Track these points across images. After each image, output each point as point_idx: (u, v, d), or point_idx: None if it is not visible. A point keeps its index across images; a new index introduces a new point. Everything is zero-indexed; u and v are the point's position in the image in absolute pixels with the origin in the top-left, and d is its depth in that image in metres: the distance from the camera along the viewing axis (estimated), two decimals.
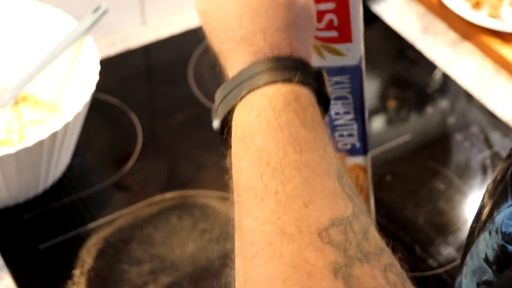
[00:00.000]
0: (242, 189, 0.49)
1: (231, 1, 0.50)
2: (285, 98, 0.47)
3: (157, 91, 1.04)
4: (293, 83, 0.48)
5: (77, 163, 0.92)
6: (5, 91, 0.90)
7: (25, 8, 0.91)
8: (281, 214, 0.45)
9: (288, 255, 0.44)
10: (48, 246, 0.84)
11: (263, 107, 0.47)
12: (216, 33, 0.51)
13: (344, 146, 0.72)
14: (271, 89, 0.47)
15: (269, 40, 0.49)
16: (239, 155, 0.48)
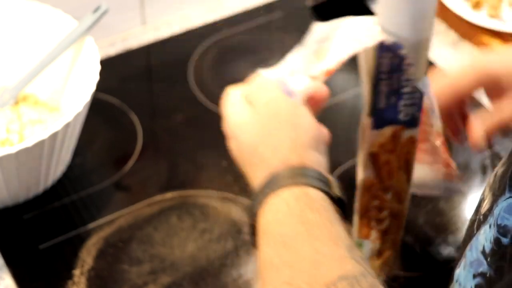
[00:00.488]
0: (264, 269, 0.57)
1: (250, 131, 0.62)
2: (296, 196, 0.56)
3: (157, 91, 1.04)
4: (302, 185, 0.57)
5: (77, 163, 0.92)
6: (5, 91, 0.90)
7: (25, 8, 0.91)
8: (295, 276, 0.53)
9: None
10: (48, 246, 0.84)
11: (278, 206, 0.57)
12: (240, 157, 0.63)
13: (404, 118, 0.70)
14: (283, 192, 0.57)
15: (281, 157, 0.59)
16: (262, 244, 0.58)
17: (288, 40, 1.12)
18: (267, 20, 1.15)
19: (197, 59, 1.07)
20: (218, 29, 1.12)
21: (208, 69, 1.06)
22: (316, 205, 0.56)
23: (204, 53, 1.08)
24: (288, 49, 1.11)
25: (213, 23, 1.13)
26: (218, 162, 0.93)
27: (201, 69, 1.06)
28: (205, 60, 1.07)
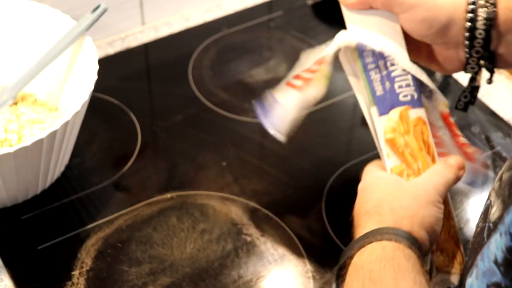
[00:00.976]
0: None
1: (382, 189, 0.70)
2: (394, 247, 0.64)
3: (156, 91, 1.04)
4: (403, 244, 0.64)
5: (76, 163, 0.92)
6: (4, 91, 0.90)
7: (23, 8, 0.91)
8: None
9: None
10: (47, 246, 0.83)
11: (374, 249, 0.64)
12: (362, 207, 0.70)
13: (405, 98, 0.73)
14: (385, 242, 0.64)
15: (396, 219, 0.66)
16: (350, 276, 0.64)
17: (288, 39, 1.12)
18: (266, 19, 1.14)
19: (196, 59, 1.07)
20: (217, 28, 1.12)
21: (208, 68, 1.06)
22: (409, 258, 0.63)
23: (203, 53, 1.08)
24: (288, 48, 1.11)
25: (212, 22, 1.13)
26: (217, 162, 0.93)
27: (201, 69, 1.06)
28: (205, 59, 1.07)
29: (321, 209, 0.87)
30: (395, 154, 0.73)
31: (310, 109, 0.97)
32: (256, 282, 0.81)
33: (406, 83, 0.74)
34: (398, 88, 0.74)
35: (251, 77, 1.05)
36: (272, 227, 0.86)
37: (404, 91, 0.74)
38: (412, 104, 0.74)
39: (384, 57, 0.74)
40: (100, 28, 1.00)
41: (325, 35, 1.12)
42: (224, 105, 1.00)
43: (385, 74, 0.74)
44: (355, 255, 0.65)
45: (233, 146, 0.95)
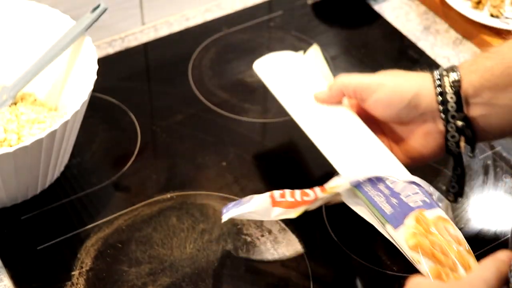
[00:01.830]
0: None
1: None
2: None
3: (156, 91, 1.04)
4: None
5: (76, 163, 0.91)
6: (3, 91, 0.90)
7: (22, 8, 0.91)
8: None
9: None
10: (47, 247, 0.83)
11: None
12: None
13: (416, 204, 0.73)
14: None
15: None
16: None
17: (288, 39, 1.11)
18: (266, 19, 1.14)
19: (196, 59, 1.07)
20: (217, 28, 1.12)
21: (207, 68, 1.06)
22: None
23: (203, 53, 1.08)
24: (288, 48, 1.10)
25: (212, 22, 1.13)
26: (217, 162, 0.93)
27: (200, 69, 1.06)
28: (204, 59, 1.07)
29: (321, 209, 0.87)
30: (426, 257, 0.70)
31: None
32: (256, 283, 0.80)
33: (412, 192, 0.74)
34: (406, 197, 0.74)
35: (251, 77, 1.05)
36: (272, 227, 0.86)
37: (413, 198, 0.74)
38: (426, 206, 0.73)
39: (382, 180, 0.74)
40: (100, 28, 0.99)
41: (325, 35, 1.12)
42: (224, 105, 1.00)
43: (389, 194, 0.74)
44: None
45: (233, 146, 0.95)
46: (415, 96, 0.77)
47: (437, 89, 0.77)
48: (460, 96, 0.76)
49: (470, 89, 0.76)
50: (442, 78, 0.77)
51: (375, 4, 1.17)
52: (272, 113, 1.00)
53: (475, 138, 0.78)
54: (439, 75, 0.77)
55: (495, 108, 0.76)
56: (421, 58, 1.08)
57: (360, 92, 0.80)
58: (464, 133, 0.77)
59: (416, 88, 0.78)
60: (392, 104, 0.78)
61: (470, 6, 1.10)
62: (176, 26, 1.12)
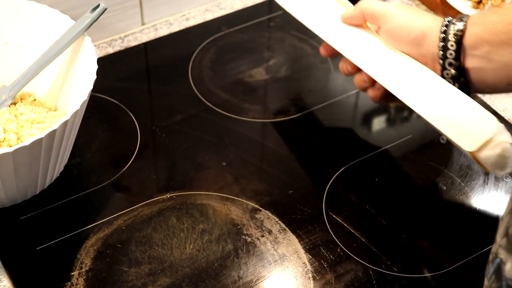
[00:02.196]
0: None
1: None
2: None
3: (156, 91, 1.04)
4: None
5: (75, 164, 0.91)
6: (3, 91, 0.89)
7: (22, 8, 0.91)
8: None
9: None
10: (46, 247, 0.83)
11: None
12: None
13: None
14: None
15: None
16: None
17: (288, 39, 1.11)
18: (266, 18, 1.14)
19: (196, 59, 1.07)
20: (217, 28, 1.12)
21: (207, 68, 1.06)
22: None
23: (203, 53, 1.08)
24: (288, 48, 1.10)
25: (212, 22, 1.13)
26: (217, 163, 0.93)
27: (200, 69, 1.05)
28: (204, 59, 1.07)
29: (321, 209, 0.87)
30: None
31: (311, 109, 0.96)
32: (256, 283, 0.80)
33: None
34: None
35: (251, 76, 1.05)
36: (272, 227, 0.85)
37: None
38: None
39: None
40: (100, 27, 0.99)
41: None
42: (224, 105, 1.00)
43: None
44: None
45: (233, 146, 0.95)
46: (420, 34, 0.82)
47: (441, 35, 0.80)
48: (460, 45, 0.79)
49: (471, 40, 0.79)
50: (449, 25, 0.80)
51: None
52: (272, 113, 1.00)
53: (468, 89, 0.81)
54: (448, 21, 0.80)
55: (491, 63, 0.78)
56: None
57: (377, 18, 0.85)
58: (458, 81, 0.81)
59: (423, 27, 0.82)
60: (398, 37, 0.83)
61: (470, 5, 1.10)
62: (176, 26, 1.12)
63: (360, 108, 1.02)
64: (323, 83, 1.05)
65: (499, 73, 0.78)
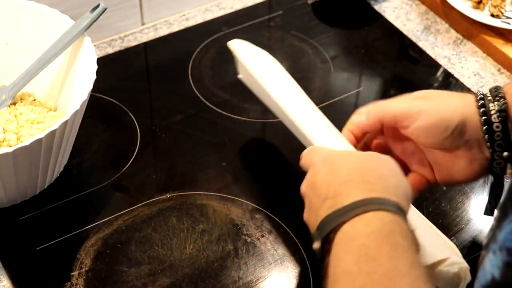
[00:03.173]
0: (339, 274, 0.59)
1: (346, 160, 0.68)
2: (391, 219, 0.61)
3: (156, 91, 1.04)
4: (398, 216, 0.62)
5: (75, 164, 0.91)
6: (3, 91, 0.89)
7: (22, 8, 0.91)
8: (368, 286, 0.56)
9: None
10: (46, 247, 0.83)
11: (371, 221, 0.61)
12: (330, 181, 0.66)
13: None
14: (383, 213, 0.61)
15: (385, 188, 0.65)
16: (340, 253, 0.60)
17: (288, 38, 1.11)
18: (266, 18, 1.14)
19: (196, 59, 1.07)
20: (217, 28, 1.12)
21: (207, 68, 1.06)
22: (406, 234, 0.61)
23: (203, 53, 1.08)
24: (288, 48, 1.10)
25: (212, 22, 1.13)
26: (217, 163, 0.93)
27: (200, 69, 1.05)
28: (204, 59, 1.07)
29: None
30: None
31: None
32: (256, 283, 0.80)
33: None
34: None
35: None
36: (272, 227, 0.85)
37: None
38: None
39: None
40: (99, 27, 0.99)
41: (325, 35, 1.12)
42: (224, 105, 1.00)
43: None
44: (346, 225, 0.61)
45: (233, 146, 0.95)
46: (460, 124, 0.74)
47: (482, 117, 0.74)
48: (506, 125, 0.73)
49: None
50: (487, 104, 0.74)
51: (376, 4, 1.16)
52: (272, 113, 1.00)
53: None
54: (482, 99, 0.74)
55: None
56: (421, 58, 1.08)
57: (401, 120, 0.76)
58: (511, 162, 0.75)
59: (460, 115, 0.74)
60: (436, 133, 0.75)
61: (470, 5, 1.10)
62: (176, 26, 1.12)
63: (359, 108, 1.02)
64: (323, 83, 1.05)
65: None
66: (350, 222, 0.61)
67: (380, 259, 0.58)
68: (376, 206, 0.61)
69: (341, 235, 0.61)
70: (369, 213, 0.61)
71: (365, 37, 1.13)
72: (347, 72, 1.07)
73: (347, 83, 1.05)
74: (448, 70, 1.06)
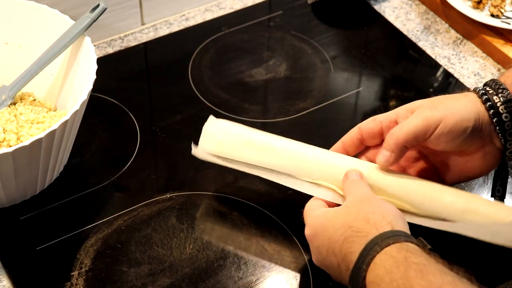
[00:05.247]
0: None
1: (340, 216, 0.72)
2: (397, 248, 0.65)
3: (156, 91, 1.04)
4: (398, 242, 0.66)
5: (75, 164, 0.91)
6: (2, 91, 0.89)
7: (21, 8, 0.91)
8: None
9: None
10: (46, 247, 0.83)
11: (384, 259, 0.65)
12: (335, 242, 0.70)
13: None
14: (387, 249, 0.65)
15: (374, 225, 0.69)
16: None
17: (288, 38, 1.11)
18: (266, 18, 1.14)
19: (195, 59, 1.07)
20: (217, 28, 1.12)
21: (207, 68, 1.06)
22: (417, 252, 0.65)
23: (203, 53, 1.08)
24: (288, 48, 1.10)
25: (212, 22, 1.13)
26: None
27: (200, 69, 1.05)
28: (204, 59, 1.07)
29: None
30: None
31: (311, 109, 0.96)
32: (256, 283, 0.80)
33: None
34: None
35: (251, 76, 1.05)
36: (272, 227, 0.85)
37: None
38: None
39: None
40: (99, 27, 0.99)
41: (325, 34, 1.12)
42: (224, 105, 1.00)
43: None
44: (367, 275, 0.65)
45: None
46: (476, 122, 0.76)
47: (490, 111, 0.77)
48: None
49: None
50: (491, 97, 0.77)
51: (375, 4, 1.16)
52: (272, 113, 1.00)
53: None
54: (484, 93, 0.77)
55: None
56: (421, 58, 1.08)
57: (422, 136, 0.77)
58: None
59: (474, 114, 0.77)
60: (456, 136, 0.77)
61: (470, 5, 1.10)
62: (175, 26, 1.12)
63: (360, 108, 1.02)
64: (323, 83, 1.05)
65: None
66: (369, 272, 0.65)
67: (411, 282, 0.62)
68: (378, 249, 0.66)
69: (368, 283, 0.65)
70: (377, 258, 0.65)
71: (365, 37, 1.13)
72: (347, 72, 1.07)
73: (347, 83, 1.05)
74: (448, 70, 1.06)
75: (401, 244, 0.65)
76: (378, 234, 0.67)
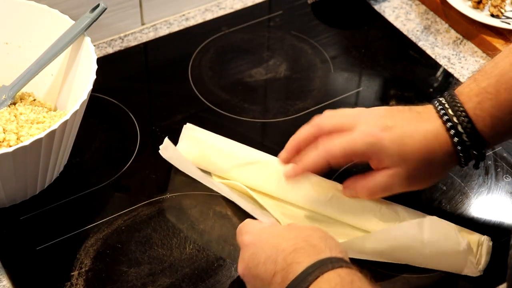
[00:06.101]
0: None
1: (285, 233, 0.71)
2: (347, 272, 0.65)
3: (156, 91, 1.04)
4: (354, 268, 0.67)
5: (75, 163, 0.91)
6: (2, 91, 0.89)
7: (21, 8, 0.91)
8: None
9: None
10: (46, 247, 0.83)
11: (332, 277, 0.65)
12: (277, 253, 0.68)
13: None
14: (339, 270, 0.65)
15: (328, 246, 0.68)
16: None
17: (288, 38, 1.11)
18: (266, 18, 1.14)
19: (195, 59, 1.07)
20: (217, 28, 1.12)
21: (207, 68, 1.06)
22: (363, 279, 0.65)
23: (203, 53, 1.08)
24: (288, 48, 1.10)
25: (212, 22, 1.13)
26: None
27: (200, 69, 1.05)
28: (204, 59, 1.07)
29: None
30: None
31: (311, 109, 0.96)
32: None
33: None
34: None
35: (251, 76, 1.05)
36: None
37: None
38: None
39: None
40: (99, 27, 0.99)
41: (325, 35, 1.12)
42: (224, 105, 1.00)
43: None
44: (310, 287, 0.64)
45: None
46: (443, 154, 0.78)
47: (454, 138, 0.77)
48: (475, 132, 0.76)
49: (483, 125, 0.77)
50: (451, 119, 0.77)
51: (375, 4, 1.16)
52: (272, 113, 1.00)
53: None
54: (445, 114, 0.77)
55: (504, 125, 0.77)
56: (421, 58, 1.08)
57: (372, 160, 0.80)
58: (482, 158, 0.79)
59: (437, 145, 0.77)
60: (424, 176, 0.80)
61: (470, 5, 1.10)
62: (175, 26, 1.12)
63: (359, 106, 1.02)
64: (323, 83, 1.05)
65: None
66: (312, 286, 0.64)
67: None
68: (331, 265, 0.65)
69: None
70: (327, 273, 0.64)
71: (365, 37, 1.13)
72: (347, 72, 1.07)
73: (347, 83, 1.05)
74: (448, 70, 1.06)
75: (351, 270, 0.66)
76: (331, 256, 0.67)
